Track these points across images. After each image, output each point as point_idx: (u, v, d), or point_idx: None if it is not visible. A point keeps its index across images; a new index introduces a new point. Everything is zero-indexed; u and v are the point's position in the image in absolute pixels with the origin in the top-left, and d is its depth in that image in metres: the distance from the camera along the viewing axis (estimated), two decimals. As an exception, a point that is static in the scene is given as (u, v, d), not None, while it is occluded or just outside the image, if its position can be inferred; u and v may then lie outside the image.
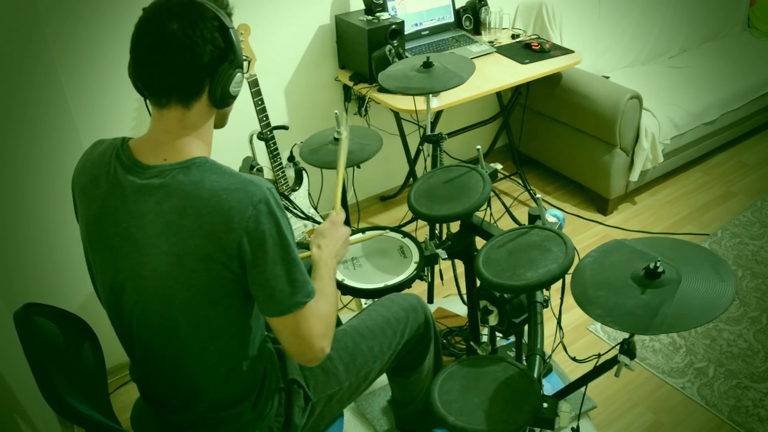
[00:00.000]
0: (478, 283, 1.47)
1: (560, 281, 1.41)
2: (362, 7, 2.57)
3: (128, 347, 1.28)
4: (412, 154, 2.98)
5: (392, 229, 1.76)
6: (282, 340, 1.18)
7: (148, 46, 1.08)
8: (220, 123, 1.24)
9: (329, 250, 1.38)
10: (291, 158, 2.61)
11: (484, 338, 2.09)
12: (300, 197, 2.59)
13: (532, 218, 1.60)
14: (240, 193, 1.08)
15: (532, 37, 2.95)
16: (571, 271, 1.33)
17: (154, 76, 1.10)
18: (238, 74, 1.15)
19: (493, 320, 1.53)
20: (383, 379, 1.76)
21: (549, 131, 3.18)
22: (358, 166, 2.01)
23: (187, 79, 1.09)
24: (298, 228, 2.62)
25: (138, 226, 1.13)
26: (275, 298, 1.13)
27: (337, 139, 1.95)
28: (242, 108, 2.43)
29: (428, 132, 2.11)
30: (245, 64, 1.25)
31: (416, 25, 2.77)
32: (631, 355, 1.28)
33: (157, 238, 1.11)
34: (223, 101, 1.15)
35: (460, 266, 2.53)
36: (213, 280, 1.12)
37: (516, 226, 1.62)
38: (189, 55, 1.07)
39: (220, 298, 1.15)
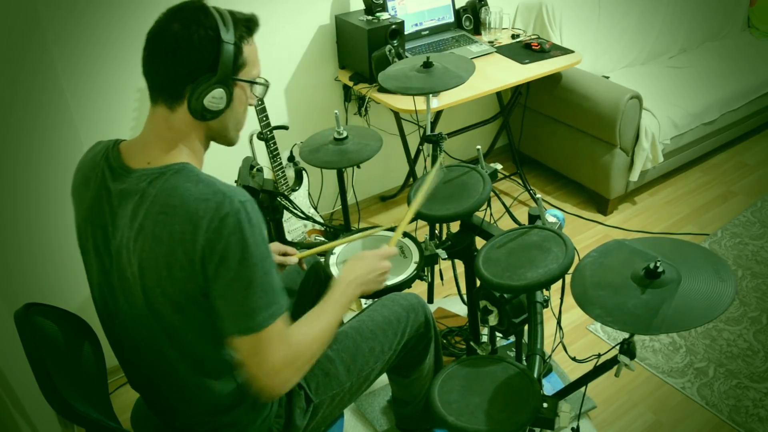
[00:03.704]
0: (478, 283, 1.47)
1: (560, 281, 1.41)
2: (362, 7, 2.57)
3: (119, 349, 1.27)
4: (412, 154, 2.98)
5: (392, 230, 1.76)
6: (241, 363, 1.12)
7: (147, 39, 1.10)
8: (221, 140, 1.21)
9: (357, 277, 1.33)
10: (291, 158, 2.61)
11: (484, 338, 2.09)
12: (300, 197, 2.59)
13: (532, 218, 1.60)
14: (209, 204, 1.05)
15: (532, 37, 2.95)
16: (571, 271, 1.33)
17: (145, 70, 1.12)
18: (218, 90, 1.10)
19: (493, 320, 1.53)
20: (383, 378, 1.76)
21: (549, 131, 3.18)
22: (358, 166, 2.01)
23: (168, 80, 1.09)
24: (298, 228, 2.62)
25: (118, 229, 1.13)
26: (231, 315, 1.08)
27: (337, 140, 1.95)
28: (242, 108, 2.43)
29: (428, 132, 2.11)
30: (261, 88, 1.20)
31: (416, 25, 2.77)
32: (631, 355, 1.28)
33: (132, 242, 1.11)
34: (198, 113, 1.11)
35: (460, 266, 2.53)
36: (182, 290, 1.09)
37: (516, 226, 1.62)
38: (171, 57, 1.07)
39: (191, 308, 1.12)
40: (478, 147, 1.78)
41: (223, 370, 1.23)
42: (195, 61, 1.08)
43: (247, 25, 1.14)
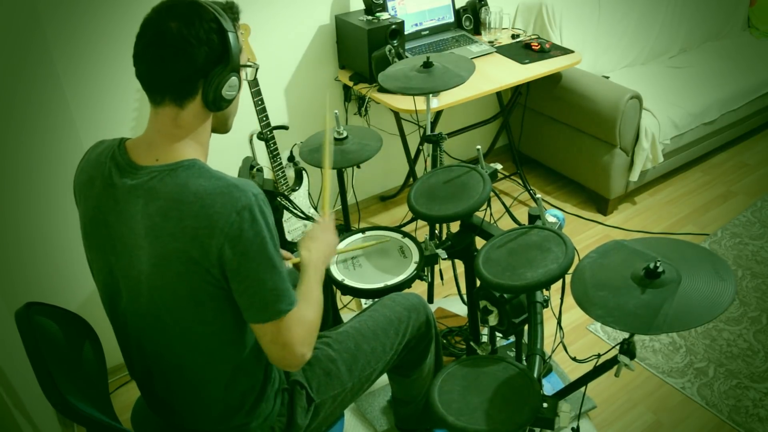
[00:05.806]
0: (478, 283, 1.47)
1: (560, 281, 1.41)
2: (362, 7, 2.57)
3: (125, 346, 1.28)
4: (412, 154, 2.98)
5: (392, 230, 1.77)
6: (263, 346, 1.18)
7: (145, 42, 1.09)
8: (221, 128, 1.24)
9: (319, 253, 1.37)
10: (291, 158, 2.61)
11: (484, 338, 2.09)
12: (300, 197, 2.59)
13: (532, 218, 1.60)
14: (224, 198, 1.07)
15: (532, 37, 2.96)
16: (571, 271, 1.33)
17: (149, 73, 1.11)
18: (233, 78, 1.13)
19: (493, 320, 1.53)
20: (384, 378, 1.76)
21: (549, 131, 3.18)
22: (358, 166, 2.01)
23: (180, 78, 1.09)
24: (298, 228, 2.62)
25: (128, 227, 1.13)
26: (257, 306, 1.12)
27: (337, 140, 1.95)
28: (242, 108, 2.42)
29: (428, 132, 2.11)
30: (251, 70, 1.24)
31: (416, 25, 2.77)
32: (631, 355, 1.28)
33: (142, 240, 1.11)
34: (216, 104, 1.14)
35: (460, 266, 2.53)
36: (197, 284, 1.11)
37: (516, 226, 1.62)
38: (182, 55, 1.07)
39: (205, 302, 1.14)
40: (478, 147, 1.79)
41: (229, 368, 1.23)
42: (206, 55, 1.09)
43: (232, 11, 1.17)
